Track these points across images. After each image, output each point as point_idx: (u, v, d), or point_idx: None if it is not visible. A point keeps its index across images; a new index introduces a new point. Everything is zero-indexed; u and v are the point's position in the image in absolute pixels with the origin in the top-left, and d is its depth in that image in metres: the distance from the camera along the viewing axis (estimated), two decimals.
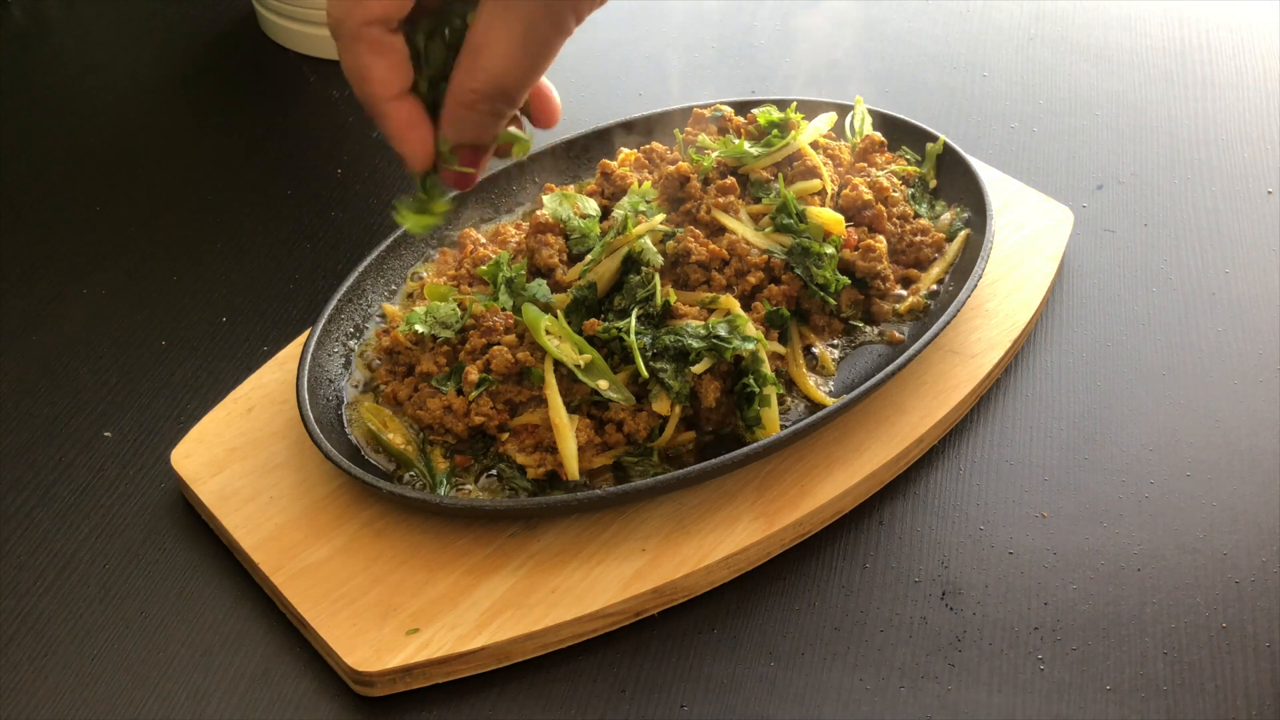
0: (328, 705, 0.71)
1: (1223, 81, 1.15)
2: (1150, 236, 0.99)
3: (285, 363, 0.87)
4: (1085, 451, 0.84)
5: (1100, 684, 0.72)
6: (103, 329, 0.93)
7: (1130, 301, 0.94)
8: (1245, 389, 0.87)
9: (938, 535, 0.79)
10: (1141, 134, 1.09)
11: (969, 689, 0.71)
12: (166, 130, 1.13)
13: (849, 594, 0.76)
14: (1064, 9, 1.25)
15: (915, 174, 0.95)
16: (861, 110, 0.97)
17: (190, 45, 1.23)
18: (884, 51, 1.20)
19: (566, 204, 0.89)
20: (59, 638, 0.74)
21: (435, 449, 0.80)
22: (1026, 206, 0.97)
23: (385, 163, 1.08)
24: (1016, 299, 0.90)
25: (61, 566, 0.78)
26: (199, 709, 0.71)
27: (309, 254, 0.99)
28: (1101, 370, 0.89)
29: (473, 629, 0.72)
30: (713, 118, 0.97)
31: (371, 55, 0.60)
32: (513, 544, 0.76)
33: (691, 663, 0.73)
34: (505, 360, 0.79)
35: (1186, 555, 0.78)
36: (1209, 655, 0.73)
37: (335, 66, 1.18)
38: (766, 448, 0.77)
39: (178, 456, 0.81)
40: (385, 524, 0.77)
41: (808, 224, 0.86)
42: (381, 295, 0.89)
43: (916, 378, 0.85)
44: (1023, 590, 0.76)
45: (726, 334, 0.79)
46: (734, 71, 1.17)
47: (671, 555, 0.75)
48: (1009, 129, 1.10)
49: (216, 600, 0.76)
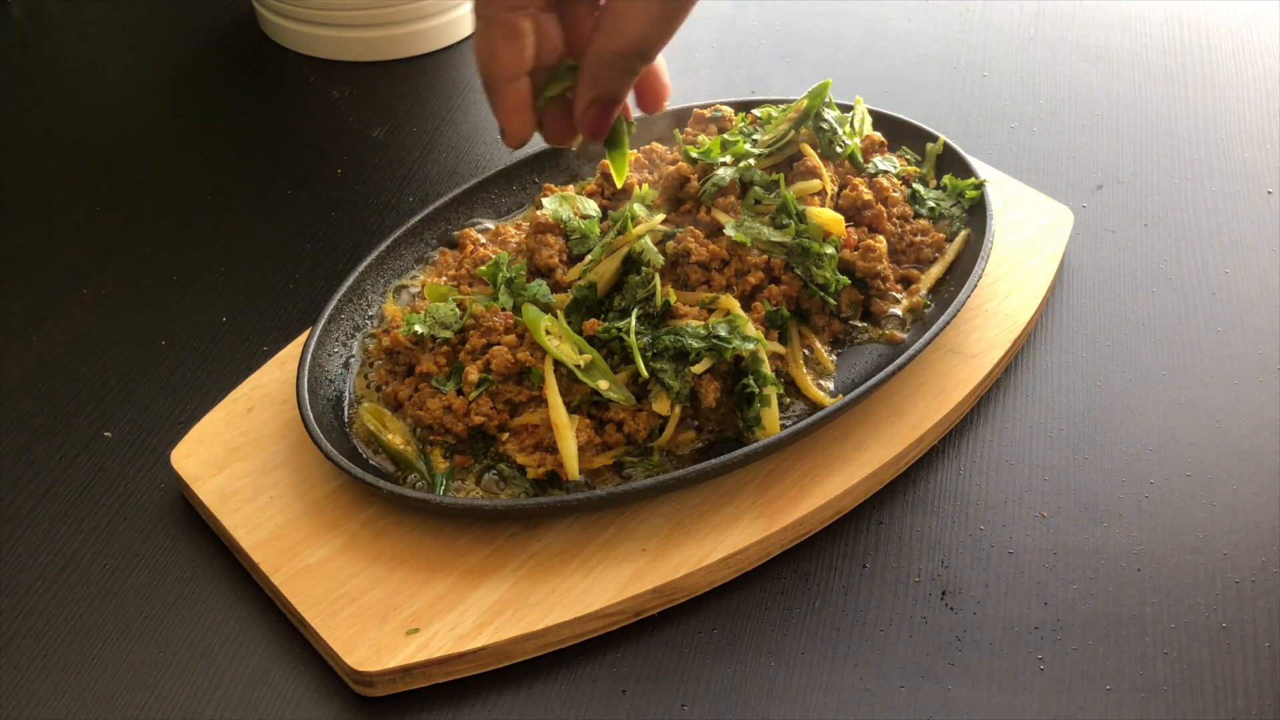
0: (328, 705, 0.71)
1: (1223, 81, 1.15)
2: (1150, 236, 0.99)
3: (285, 363, 0.87)
4: (1085, 451, 0.84)
5: (1100, 684, 0.72)
6: (103, 329, 0.93)
7: (1130, 301, 0.94)
8: (1245, 389, 0.87)
9: (937, 535, 0.79)
10: (1141, 134, 1.09)
11: (969, 689, 0.71)
12: (166, 130, 1.13)
13: (849, 594, 0.76)
14: (1064, 9, 1.25)
15: (915, 174, 0.95)
16: (861, 110, 0.97)
17: (190, 45, 1.23)
18: (884, 51, 1.20)
19: (566, 204, 0.89)
20: (59, 638, 0.74)
21: (435, 449, 0.80)
22: (1026, 206, 0.97)
23: (385, 163, 1.08)
24: (1016, 299, 0.90)
25: (61, 566, 0.78)
26: (199, 709, 0.71)
27: (309, 254, 0.99)
28: (1101, 370, 0.89)
29: (473, 629, 0.72)
30: (713, 118, 0.97)
31: (505, 39, 0.66)
32: (513, 544, 0.76)
33: (691, 663, 0.73)
34: (505, 360, 0.79)
35: (1186, 555, 0.78)
36: (1209, 655, 0.73)
37: (335, 66, 1.18)
38: (766, 448, 0.77)
39: (178, 456, 0.81)
40: (385, 524, 0.77)
41: (808, 224, 0.86)
42: (381, 295, 0.89)
43: (916, 378, 0.85)
44: (1023, 590, 0.76)
45: (726, 334, 0.79)
46: (734, 71, 1.17)
47: (671, 555, 0.75)
48: (1009, 129, 1.10)
49: (216, 600, 0.76)
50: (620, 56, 0.66)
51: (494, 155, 1.08)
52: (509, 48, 0.67)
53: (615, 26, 0.64)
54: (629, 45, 0.65)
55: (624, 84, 0.68)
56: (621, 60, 0.66)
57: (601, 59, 0.66)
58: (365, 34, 1.17)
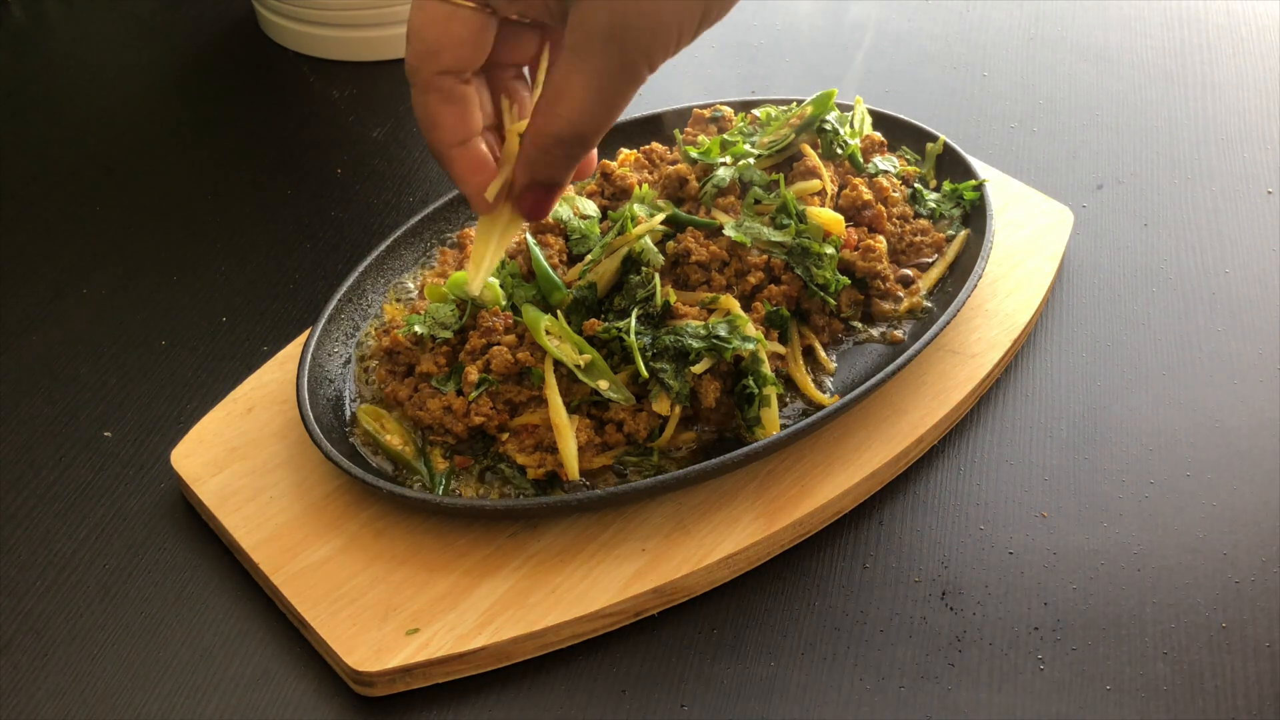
0: (328, 705, 0.71)
1: (1223, 81, 1.15)
2: (1150, 236, 0.99)
3: (285, 363, 0.87)
4: (1085, 451, 0.84)
5: (1100, 684, 0.72)
6: (103, 329, 0.93)
7: (1130, 301, 0.94)
8: (1245, 389, 0.87)
9: (937, 535, 0.79)
10: (1141, 134, 1.09)
11: (969, 689, 0.71)
12: (166, 130, 1.13)
13: (849, 594, 0.76)
14: (1064, 9, 1.25)
15: (915, 174, 0.95)
16: (861, 110, 0.97)
17: (190, 45, 1.23)
18: (884, 51, 1.20)
19: (566, 205, 0.89)
20: (59, 638, 0.74)
21: (435, 449, 0.80)
22: (1026, 206, 0.97)
23: (385, 163, 1.08)
24: (1016, 299, 0.90)
25: (61, 566, 0.78)
26: (199, 709, 0.71)
27: (309, 254, 0.99)
28: (1101, 370, 0.89)
29: (473, 629, 0.72)
30: (713, 118, 0.97)
31: (441, 104, 0.63)
32: (513, 544, 0.76)
33: (691, 663, 0.73)
34: (505, 360, 0.79)
35: (1186, 555, 0.78)
36: (1209, 655, 0.73)
37: (335, 66, 1.18)
38: (766, 448, 0.77)
39: (178, 456, 0.81)
40: (385, 524, 0.77)
41: (808, 224, 0.86)
42: (381, 295, 0.89)
43: (916, 378, 0.85)
44: (1023, 590, 0.76)
45: (726, 334, 0.79)
46: (734, 71, 1.17)
47: (671, 555, 0.75)
48: (1009, 129, 1.10)
49: (216, 600, 0.76)
50: (558, 141, 0.62)
51: None
52: (449, 112, 0.64)
53: (552, 110, 0.61)
54: (566, 129, 0.61)
55: (565, 169, 0.64)
56: (558, 145, 0.62)
57: (538, 142, 0.63)
58: (365, 34, 1.17)
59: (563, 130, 0.62)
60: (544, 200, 0.67)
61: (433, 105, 0.64)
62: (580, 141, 0.62)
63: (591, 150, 0.64)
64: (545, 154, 0.63)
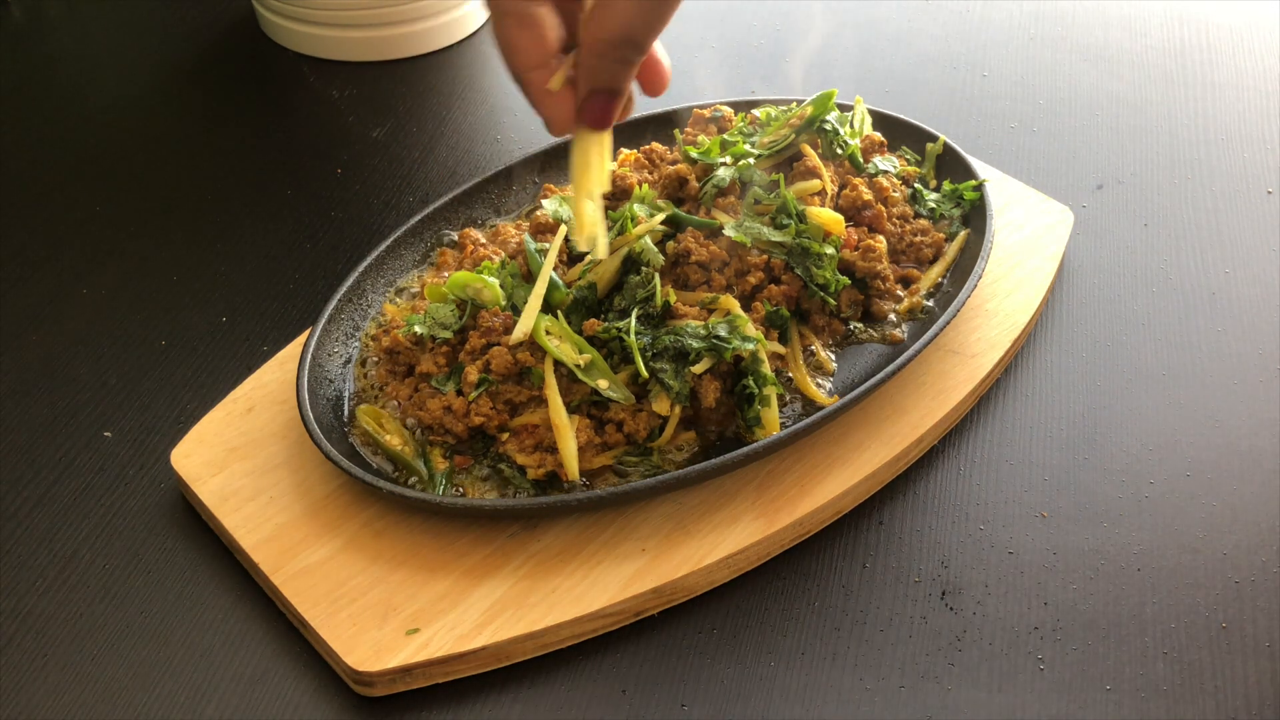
0: (328, 705, 0.71)
1: (1223, 81, 1.15)
2: (1150, 236, 0.99)
3: (285, 363, 0.87)
4: (1085, 451, 0.84)
5: (1100, 684, 0.72)
6: (103, 329, 0.93)
7: (1130, 301, 0.94)
8: (1245, 389, 0.87)
9: (937, 535, 0.79)
10: (1141, 134, 1.09)
11: (969, 689, 0.71)
12: (166, 130, 1.13)
13: (849, 594, 0.76)
14: (1064, 9, 1.25)
15: (915, 174, 0.95)
16: (861, 110, 0.97)
17: (190, 45, 1.23)
18: (884, 51, 1.20)
19: (566, 205, 0.89)
20: (59, 638, 0.74)
21: (435, 449, 0.80)
22: (1026, 206, 0.97)
23: (385, 163, 1.08)
24: (1016, 299, 0.90)
25: (61, 566, 0.78)
26: (199, 709, 0.71)
27: (309, 254, 0.99)
28: (1101, 370, 0.89)
29: (473, 629, 0.72)
30: (713, 118, 0.97)
31: (518, 29, 0.66)
32: (513, 544, 0.76)
33: (691, 663, 0.73)
34: (505, 360, 0.79)
35: (1186, 555, 0.78)
36: (1209, 655, 0.73)
37: (335, 66, 1.18)
38: (766, 448, 0.77)
39: (178, 456, 0.81)
40: (385, 524, 0.77)
41: (808, 224, 0.86)
42: (382, 295, 0.89)
43: (916, 378, 0.85)
44: (1023, 590, 0.76)
45: (726, 334, 0.79)
46: (734, 71, 1.17)
47: (671, 555, 0.75)
48: (1009, 129, 1.10)
49: (216, 600, 0.76)
50: (611, 45, 0.64)
51: (494, 155, 1.08)
52: (525, 35, 0.66)
53: (603, 14, 0.63)
54: (617, 34, 0.64)
55: (621, 74, 0.66)
56: (612, 49, 0.64)
57: (593, 49, 0.65)
58: (365, 34, 1.17)
59: (614, 34, 0.63)
60: (607, 108, 0.68)
61: (510, 29, 0.66)
62: (633, 44, 0.64)
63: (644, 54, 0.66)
64: (601, 59, 0.65)
